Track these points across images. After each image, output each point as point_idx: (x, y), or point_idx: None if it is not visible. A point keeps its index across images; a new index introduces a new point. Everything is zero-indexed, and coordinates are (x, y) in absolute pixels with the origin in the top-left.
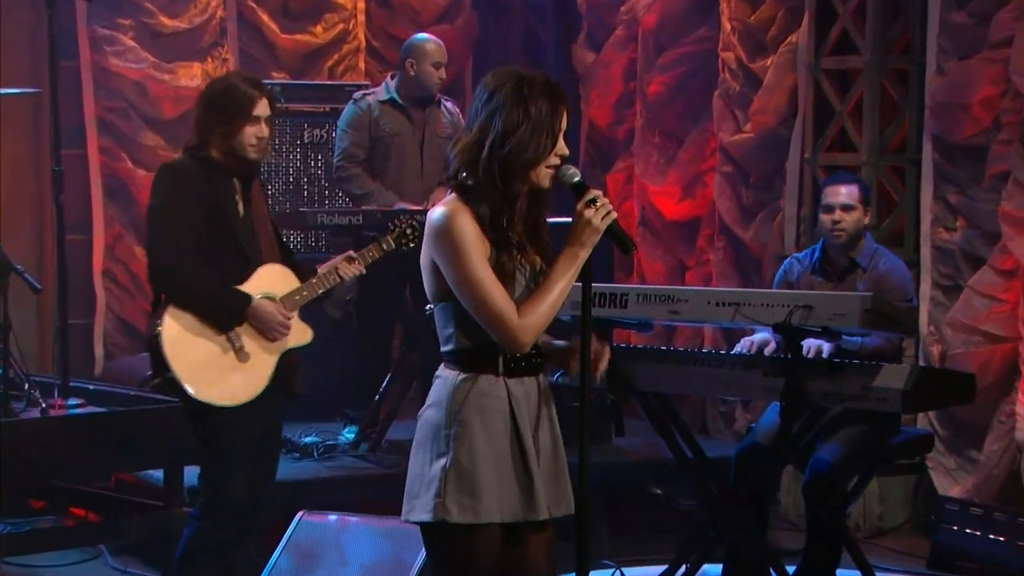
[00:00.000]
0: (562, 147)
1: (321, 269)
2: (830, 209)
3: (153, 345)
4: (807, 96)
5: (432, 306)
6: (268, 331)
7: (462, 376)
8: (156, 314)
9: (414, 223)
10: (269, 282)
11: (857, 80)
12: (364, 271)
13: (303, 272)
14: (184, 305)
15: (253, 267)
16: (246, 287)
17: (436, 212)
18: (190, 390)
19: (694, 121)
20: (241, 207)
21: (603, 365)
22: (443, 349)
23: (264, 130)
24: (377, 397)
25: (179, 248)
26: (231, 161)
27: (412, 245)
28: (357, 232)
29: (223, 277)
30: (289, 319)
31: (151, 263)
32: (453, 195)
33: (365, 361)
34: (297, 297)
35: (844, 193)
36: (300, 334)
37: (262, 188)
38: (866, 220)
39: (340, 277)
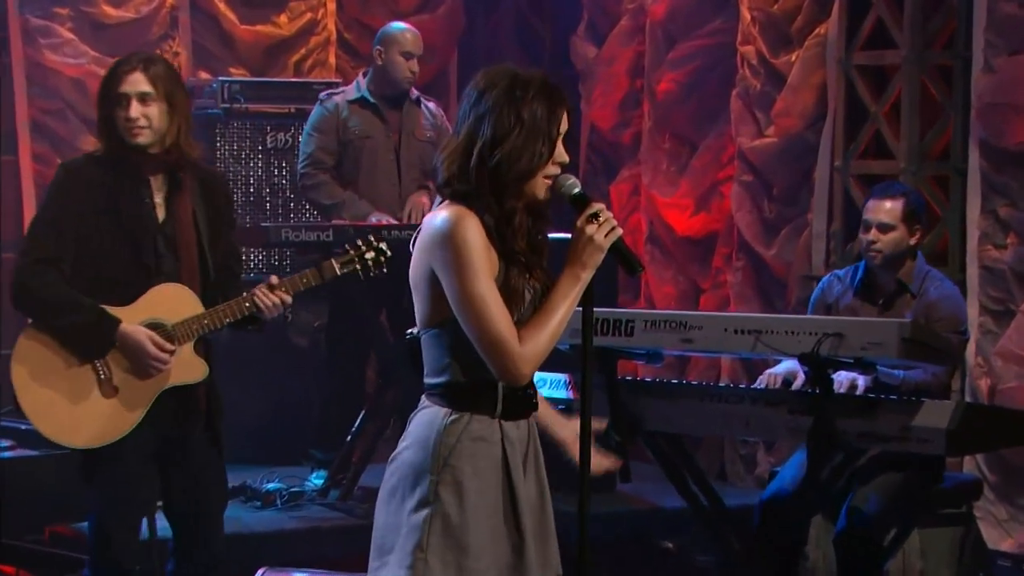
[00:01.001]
0: (561, 154)
1: (241, 297)
2: (867, 227)
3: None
4: (837, 95)
5: (419, 331)
6: (139, 364)
7: (452, 415)
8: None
9: (376, 245)
10: (163, 305)
11: (894, 77)
12: (290, 301)
13: (230, 297)
14: (43, 327)
15: (159, 284)
16: (130, 309)
17: (439, 216)
18: (39, 428)
19: (709, 124)
20: (161, 212)
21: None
22: (431, 381)
23: (135, 108)
24: (349, 437)
25: (40, 260)
26: (126, 154)
27: (376, 272)
28: (326, 250)
29: (111, 295)
30: (169, 351)
31: (12, 278)
32: (449, 202)
33: (335, 396)
34: (195, 326)
35: (884, 210)
36: (189, 370)
37: (204, 198)
38: (912, 240)
39: (255, 306)
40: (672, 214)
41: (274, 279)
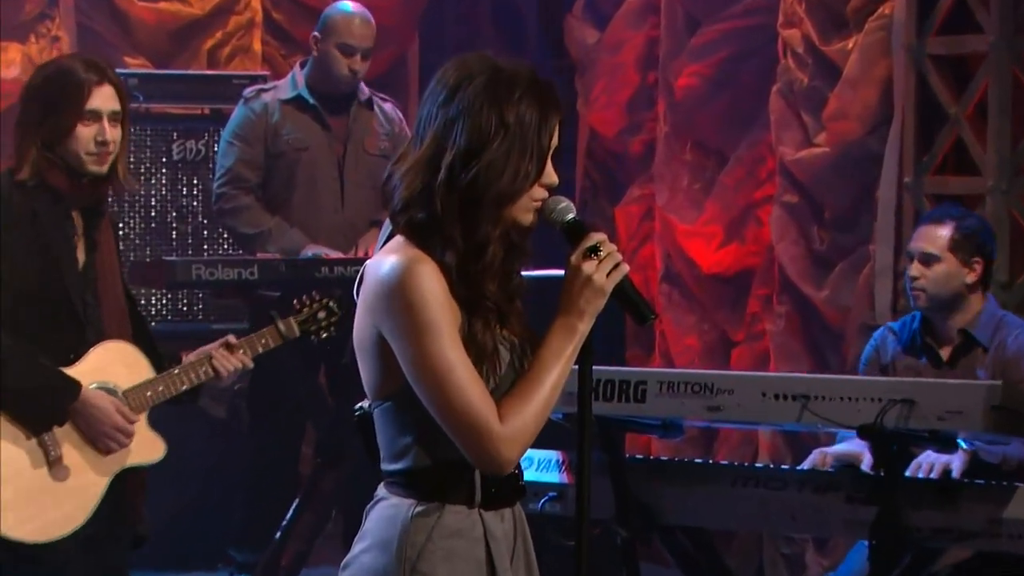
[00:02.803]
0: (550, 174)
1: (188, 357)
2: (910, 258)
3: None
4: (906, 93)
5: (369, 404)
6: (99, 437)
7: (419, 507)
8: None
9: (330, 304)
10: (108, 367)
11: (979, 70)
12: (251, 365)
13: (162, 357)
14: None
15: (89, 343)
16: (76, 371)
17: (386, 263)
18: None
19: (742, 129)
20: (82, 253)
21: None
22: (389, 467)
23: (107, 131)
24: (279, 534)
25: None
26: (64, 182)
27: (326, 335)
28: (250, 292)
29: (43, 354)
30: (132, 423)
31: None
32: (402, 239)
33: (261, 481)
34: (149, 393)
35: (928, 237)
36: (147, 448)
37: (112, 227)
38: (968, 277)
39: (214, 371)
40: (695, 245)
41: (231, 339)
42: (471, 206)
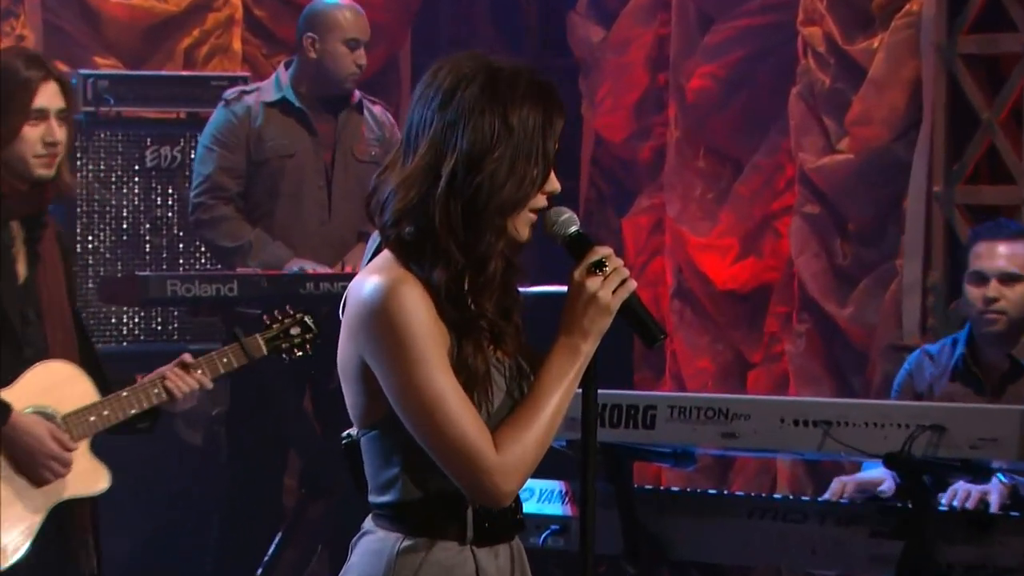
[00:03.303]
0: (553, 181)
1: (143, 380)
2: (981, 279)
3: None
4: (937, 96)
5: (356, 433)
6: (32, 467)
7: (406, 542)
8: None
9: (304, 319)
10: (48, 390)
11: (1014, 71)
12: (210, 386)
13: (111, 380)
14: None
15: (27, 363)
16: (6, 393)
17: (368, 284)
18: None
19: (759, 135)
20: (22, 266)
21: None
22: (377, 500)
23: (56, 131)
24: (260, 570)
25: None
26: (3, 188)
27: (300, 353)
28: (229, 310)
29: None
30: (71, 450)
31: None
32: (389, 255)
33: (241, 512)
34: (93, 418)
35: (1005, 255)
36: (88, 478)
37: (58, 239)
38: None
39: (167, 393)
40: (709, 259)
41: (187, 357)
42: (473, 216)
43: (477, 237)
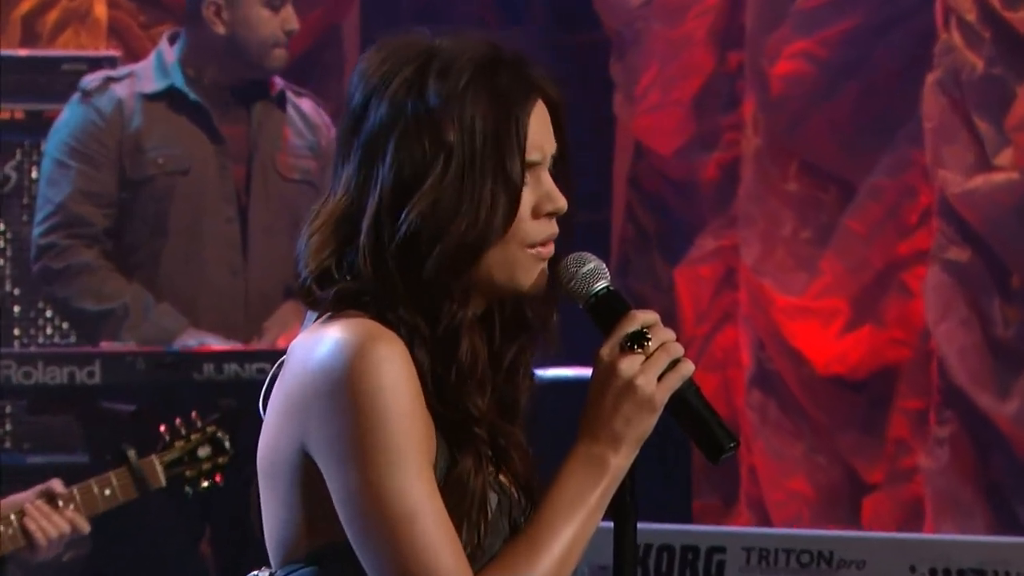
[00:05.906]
0: (551, 196)
1: None
2: None
3: None
4: None
5: (274, 571)
6: None
7: None
8: None
9: (216, 434)
10: None
11: None
12: (86, 529)
13: None
14: None
15: None
16: None
17: (326, 339)
18: None
19: (878, 143)
20: None
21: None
22: None
23: None
24: None
25: None
26: None
27: (207, 484)
28: (89, 405)
29: None
30: None
31: None
32: (362, 317)
33: None
34: None
35: None
36: None
37: None
38: None
39: (26, 537)
40: (805, 330)
41: (56, 485)
42: (414, 276)
43: (430, 307)
